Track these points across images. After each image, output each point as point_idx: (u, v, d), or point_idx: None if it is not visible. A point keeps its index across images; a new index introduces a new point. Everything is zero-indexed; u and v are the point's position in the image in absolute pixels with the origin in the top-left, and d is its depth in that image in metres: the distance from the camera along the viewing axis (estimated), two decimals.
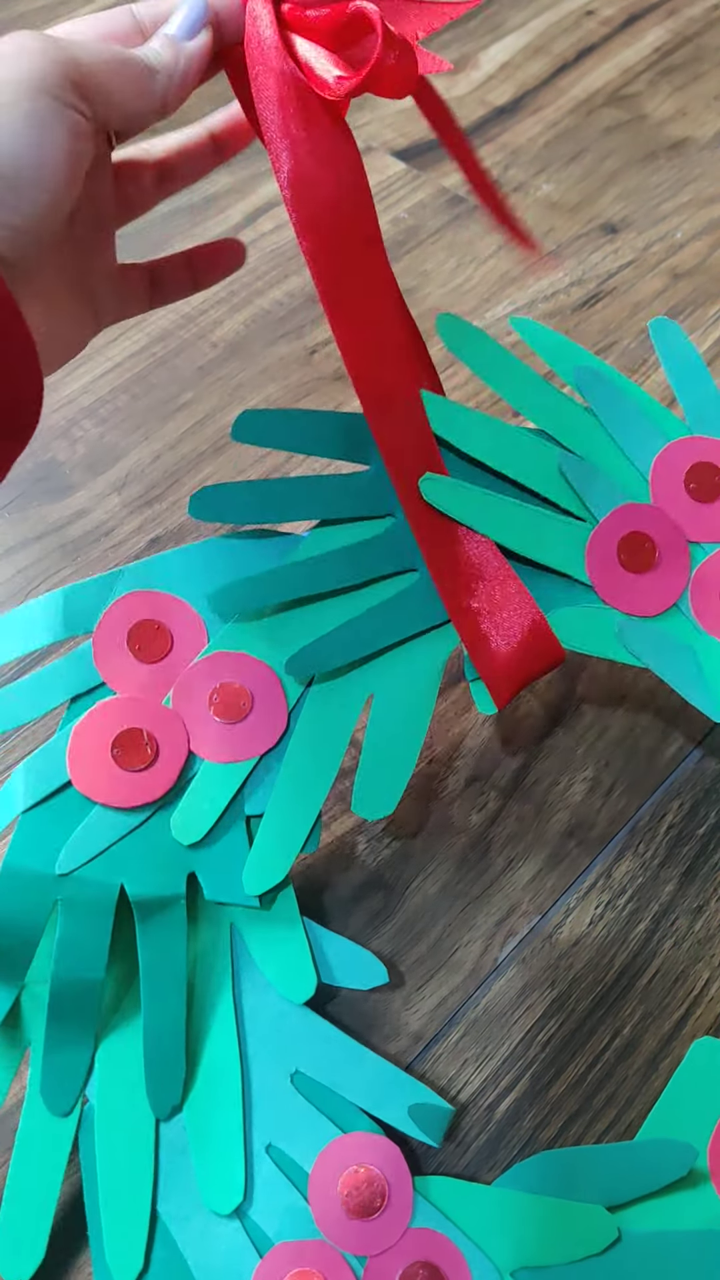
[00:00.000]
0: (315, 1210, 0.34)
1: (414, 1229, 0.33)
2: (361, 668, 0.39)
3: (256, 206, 0.64)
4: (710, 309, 0.59)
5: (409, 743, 0.38)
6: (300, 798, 0.37)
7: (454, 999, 0.40)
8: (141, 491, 0.52)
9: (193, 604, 0.39)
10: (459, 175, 0.66)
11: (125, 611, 0.38)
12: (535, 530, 0.39)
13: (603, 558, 0.39)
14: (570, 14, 0.76)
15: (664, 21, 0.76)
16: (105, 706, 0.37)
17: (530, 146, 0.68)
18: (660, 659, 0.38)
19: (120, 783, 0.36)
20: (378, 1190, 0.34)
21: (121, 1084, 0.35)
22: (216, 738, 0.37)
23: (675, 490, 0.40)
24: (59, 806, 0.36)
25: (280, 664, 0.38)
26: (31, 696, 0.38)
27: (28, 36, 0.33)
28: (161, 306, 0.40)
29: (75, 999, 0.35)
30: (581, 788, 0.44)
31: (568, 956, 0.40)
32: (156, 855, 0.36)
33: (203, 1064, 0.36)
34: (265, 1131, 0.35)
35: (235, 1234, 0.34)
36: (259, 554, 0.39)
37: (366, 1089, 0.35)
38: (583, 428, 0.41)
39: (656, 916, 0.41)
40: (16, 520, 0.51)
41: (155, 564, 0.39)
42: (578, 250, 0.62)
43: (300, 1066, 0.36)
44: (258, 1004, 0.36)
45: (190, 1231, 0.34)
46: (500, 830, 0.43)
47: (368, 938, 0.41)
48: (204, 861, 0.37)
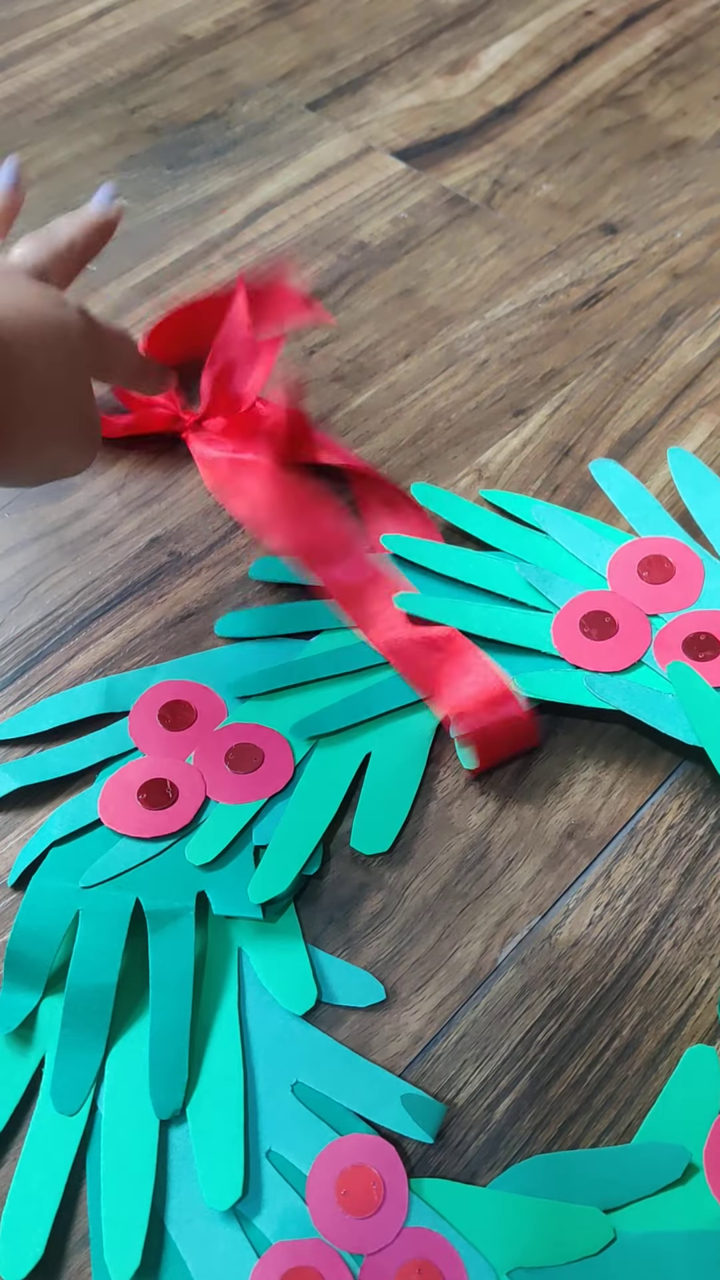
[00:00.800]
0: (313, 1210, 0.34)
1: (410, 1228, 0.34)
2: (360, 731, 0.44)
3: (256, 206, 0.64)
4: (710, 309, 0.59)
5: (403, 791, 0.43)
6: (304, 827, 0.42)
7: (454, 1000, 0.39)
8: (140, 491, 0.52)
9: (216, 691, 0.45)
10: (459, 175, 0.66)
11: (158, 693, 0.45)
12: (502, 620, 0.46)
13: (568, 631, 0.46)
14: (570, 14, 0.76)
15: (663, 22, 0.76)
16: (135, 764, 0.43)
17: (530, 147, 0.68)
18: (629, 700, 0.44)
19: (143, 819, 0.42)
20: (374, 1189, 0.34)
21: (129, 1089, 0.37)
22: (230, 785, 0.43)
23: (630, 578, 0.47)
24: (87, 841, 0.41)
25: (289, 730, 0.44)
26: (73, 755, 0.44)
27: (70, 319, 0.40)
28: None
29: (89, 1003, 0.37)
30: (581, 788, 0.44)
31: (567, 957, 0.40)
32: (170, 876, 0.40)
33: (206, 1071, 0.37)
34: (266, 1138, 0.36)
35: (234, 1235, 0.34)
36: (273, 654, 0.46)
37: (362, 1095, 0.37)
38: (541, 546, 0.48)
39: (656, 917, 0.41)
40: (16, 520, 0.51)
41: (187, 661, 0.46)
42: (577, 250, 0.62)
43: (300, 1076, 0.37)
44: (261, 1018, 0.38)
45: (190, 1234, 0.34)
46: (500, 831, 0.43)
47: (368, 938, 0.41)
48: (213, 881, 0.40)
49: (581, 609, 0.46)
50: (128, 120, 0.69)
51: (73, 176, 0.65)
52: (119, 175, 0.65)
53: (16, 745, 0.45)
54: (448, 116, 0.69)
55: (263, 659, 0.46)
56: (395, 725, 0.44)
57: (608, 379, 0.56)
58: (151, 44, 0.73)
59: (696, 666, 0.44)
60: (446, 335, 0.58)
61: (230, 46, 0.73)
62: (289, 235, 0.62)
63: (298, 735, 0.44)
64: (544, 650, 0.45)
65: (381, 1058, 0.38)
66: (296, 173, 0.66)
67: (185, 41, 0.74)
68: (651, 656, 0.45)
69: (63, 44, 0.73)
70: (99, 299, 0.59)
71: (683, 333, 0.58)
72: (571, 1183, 0.34)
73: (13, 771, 0.44)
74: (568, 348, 0.57)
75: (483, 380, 0.56)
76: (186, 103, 0.70)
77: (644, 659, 0.45)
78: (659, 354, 0.57)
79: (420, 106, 0.70)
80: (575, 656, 0.45)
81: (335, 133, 0.68)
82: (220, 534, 0.50)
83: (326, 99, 0.70)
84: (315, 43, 0.74)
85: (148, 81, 0.71)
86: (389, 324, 0.59)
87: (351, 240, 0.62)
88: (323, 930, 0.41)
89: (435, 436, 0.54)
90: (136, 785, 0.42)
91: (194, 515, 0.51)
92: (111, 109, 0.69)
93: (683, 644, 0.45)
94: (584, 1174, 0.35)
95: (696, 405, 0.55)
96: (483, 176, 0.66)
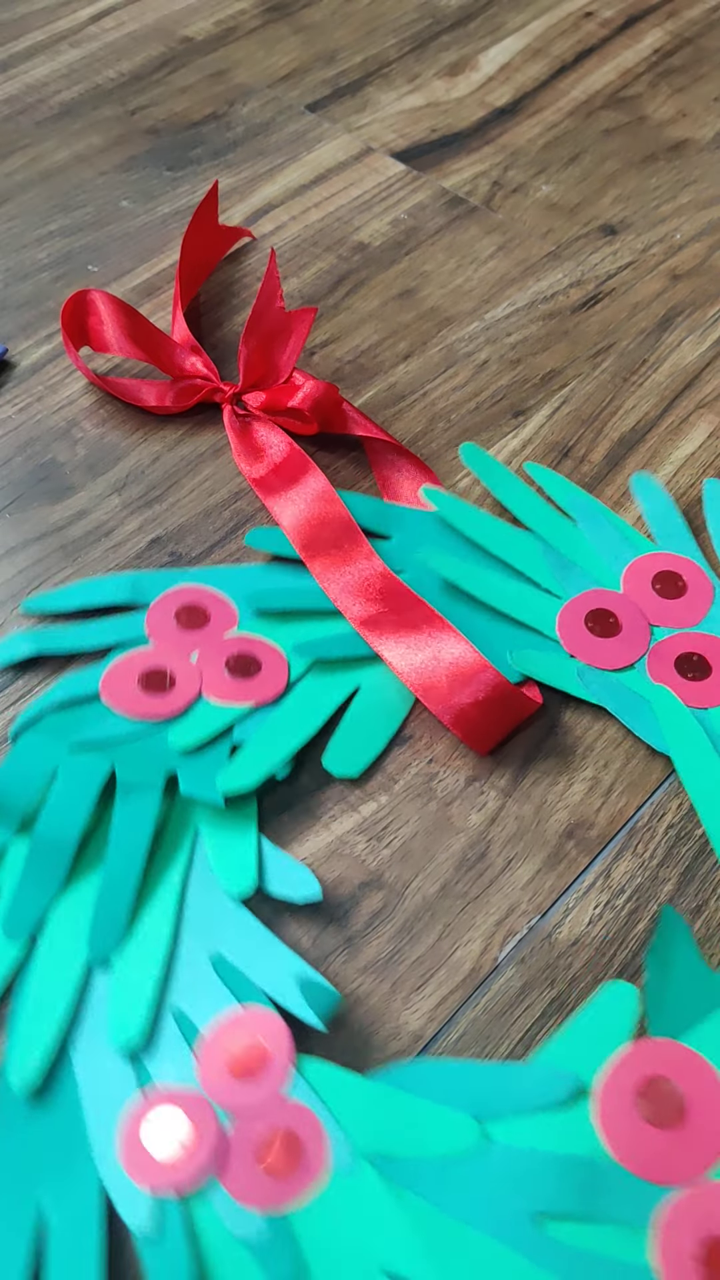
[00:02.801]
0: (201, 1066, 0.36)
1: (285, 1099, 0.36)
2: (356, 665, 0.46)
3: (256, 208, 0.64)
4: (709, 310, 0.59)
5: (383, 727, 0.45)
6: (282, 735, 0.44)
7: (453, 999, 0.40)
8: (142, 492, 0.52)
9: (234, 602, 0.48)
10: (459, 176, 0.66)
11: (180, 594, 0.48)
12: (514, 595, 0.48)
13: (572, 622, 0.47)
14: (569, 16, 0.76)
15: (663, 23, 0.76)
16: (143, 651, 0.46)
17: (529, 148, 0.68)
18: (614, 699, 0.45)
19: (138, 701, 0.44)
20: (259, 1058, 0.36)
21: (68, 931, 0.40)
22: (225, 686, 0.45)
23: (643, 587, 0.48)
24: (83, 710, 0.44)
25: (291, 649, 0.46)
26: (89, 634, 0.47)
27: None
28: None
29: (52, 850, 0.41)
30: (581, 788, 0.44)
31: (567, 956, 0.40)
32: (149, 755, 0.43)
33: (139, 930, 0.40)
34: (176, 997, 0.38)
35: (125, 1073, 0.37)
36: (292, 577, 0.48)
37: (270, 974, 0.39)
38: (569, 534, 0.50)
39: (655, 916, 0.41)
40: (17, 521, 0.51)
41: (214, 571, 0.49)
42: (577, 252, 0.62)
43: (221, 950, 0.39)
44: (200, 895, 0.41)
45: (89, 1064, 0.37)
46: (499, 830, 0.43)
47: (368, 937, 0.41)
48: (187, 766, 0.43)
49: (590, 604, 0.47)
50: (128, 121, 0.69)
51: (73, 177, 0.65)
52: (119, 176, 0.65)
53: (43, 619, 0.48)
54: (448, 118, 0.69)
55: (285, 580, 0.48)
56: (386, 668, 0.46)
57: (607, 380, 0.56)
58: (152, 45, 0.74)
59: (682, 684, 0.45)
60: (446, 336, 0.58)
61: (230, 48, 0.74)
62: (289, 236, 0.63)
63: (298, 655, 0.46)
64: (545, 633, 0.47)
65: (381, 1057, 0.38)
66: (296, 174, 0.66)
67: (185, 43, 0.74)
68: (644, 664, 0.46)
69: (63, 45, 0.73)
70: None
71: (682, 334, 0.58)
72: (453, 1088, 0.36)
73: (32, 639, 0.47)
74: (567, 349, 0.58)
75: (482, 381, 0.56)
76: (187, 104, 0.70)
77: (636, 664, 0.46)
78: (658, 355, 0.57)
79: (420, 108, 0.70)
80: (573, 646, 0.46)
81: (335, 134, 0.68)
82: (220, 535, 0.51)
83: (326, 100, 0.70)
84: (315, 44, 0.74)
85: (148, 83, 0.71)
86: (389, 325, 0.59)
87: (351, 241, 0.62)
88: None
89: (435, 437, 0.54)
90: (139, 670, 0.45)
91: (195, 516, 0.51)
92: (112, 110, 0.69)
93: (675, 659, 0.46)
94: (468, 1083, 0.36)
95: (696, 406, 0.55)
96: (482, 178, 0.66)
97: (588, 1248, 0.33)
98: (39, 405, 0.55)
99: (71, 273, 0.61)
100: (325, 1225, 0.34)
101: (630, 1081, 0.35)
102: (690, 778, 0.43)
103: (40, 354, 0.57)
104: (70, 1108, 0.36)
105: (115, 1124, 0.36)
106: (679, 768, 0.43)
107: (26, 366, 0.57)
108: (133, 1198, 0.34)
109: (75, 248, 0.62)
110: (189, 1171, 0.35)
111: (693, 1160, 0.34)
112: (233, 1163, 0.35)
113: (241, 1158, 0.35)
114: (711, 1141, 0.34)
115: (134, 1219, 0.34)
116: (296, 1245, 0.33)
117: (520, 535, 0.49)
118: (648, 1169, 0.34)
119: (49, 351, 0.57)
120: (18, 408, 0.55)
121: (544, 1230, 0.33)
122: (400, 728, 0.45)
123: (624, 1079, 0.35)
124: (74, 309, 0.54)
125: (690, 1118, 0.34)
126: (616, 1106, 0.35)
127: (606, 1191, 0.34)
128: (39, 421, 0.54)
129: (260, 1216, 0.34)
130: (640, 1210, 0.33)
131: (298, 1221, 0.34)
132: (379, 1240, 0.33)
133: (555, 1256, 0.33)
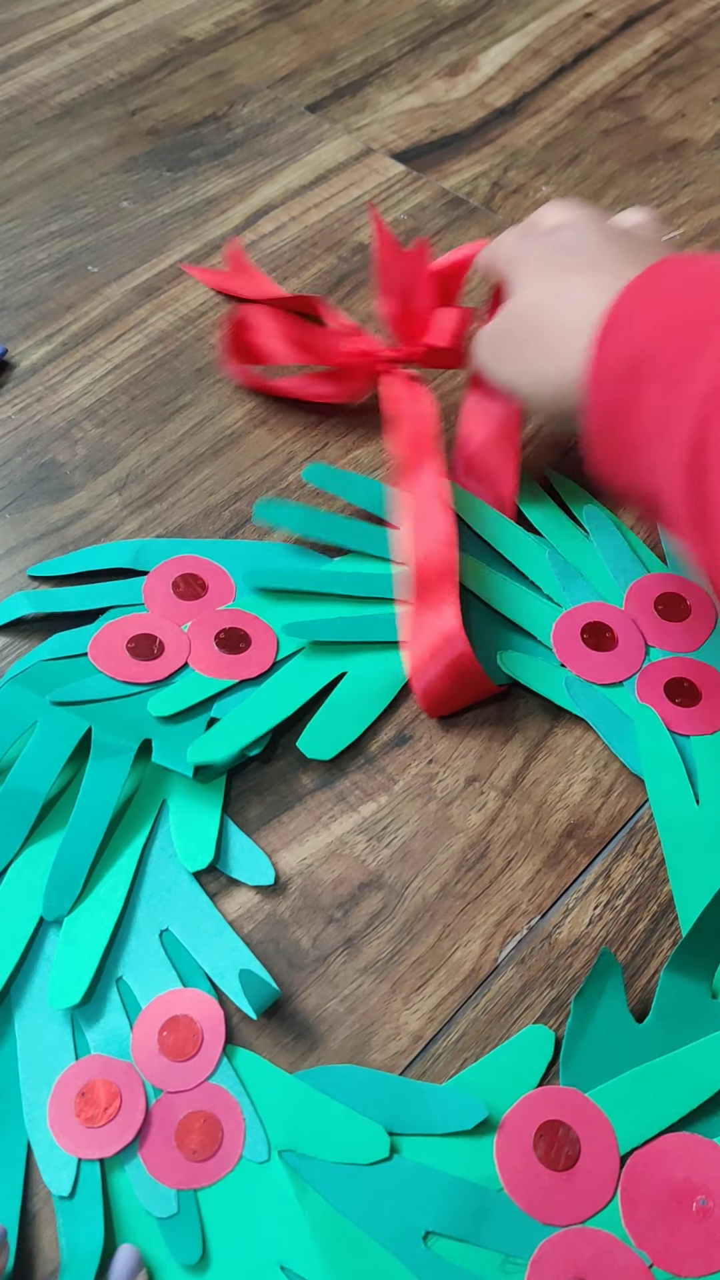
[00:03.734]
0: (135, 1039, 0.38)
1: (211, 1083, 0.37)
2: (344, 650, 0.46)
3: (257, 208, 0.64)
4: None
5: (363, 714, 0.45)
6: (260, 713, 0.44)
7: (453, 999, 0.40)
8: (141, 492, 0.52)
9: (232, 576, 0.48)
10: (459, 177, 0.66)
11: (180, 564, 0.48)
12: (513, 598, 0.48)
13: (567, 631, 0.47)
14: (569, 16, 0.76)
15: (662, 24, 0.76)
16: (136, 616, 0.46)
17: (529, 149, 0.68)
18: (596, 713, 0.45)
19: (124, 664, 0.45)
20: (191, 1039, 0.38)
21: (24, 886, 0.40)
22: (211, 659, 0.45)
23: (645, 606, 0.48)
24: (69, 666, 0.45)
25: (281, 628, 0.46)
26: (86, 596, 0.47)
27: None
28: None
29: (19, 801, 0.41)
30: (580, 788, 0.44)
31: (567, 956, 0.40)
32: (127, 719, 0.44)
33: (94, 894, 0.40)
34: (121, 967, 0.39)
35: (63, 1035, 0.38)
36: (295, 558, 0.49)
37: (214, 958, 0.40)
38: (579, 545, 0.49)
39: (655, 916, 0.41)
40: (17, 521, 0.51)
41: (215, 543, 0.49)
42: None
43: (170, 926, 0.40)
44: (159, 866, 0.41)
45: (29, 1022, 0.38)
46: (499, 831, 0.43)
47: (368, 937, 0.41)
48: (161, 734, 0.43)
49: (588, 616, 0.47)
50: (128, 122, 0.69)
51: (73, 178, 0.65)
52: (119, 177, 0.65)
53: (45, 581, 0.49)
54: (447, 118, 0.69)
55: (284, 560, 0.49)
56: (377, 656, 0.46)
57: None
58: (152, 46, 0.74)
59: (669, 708, 0.45)
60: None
61: (230, 48, 0.74)
62: (289, 237, 0.63)
63: (288, 635, 0.46)
64: (539, 639, 0.47)
65: (381, 1057, 0.38)
66: (297, 174, 0.66)
67: (186, 43, 0.74)
68: (634, 683, 0.46)
69: (63, 46, 0.73)
70: (100, 300, 0.59)
71: None
72: (373, 1098, 0.37)
73: (31, 599, 0.47)
74: None
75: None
76: (187, 104, 0.70)
77: (626, 682, 0.46)
78: None
79: (420, 108, 0.70)
80: (565, 656, 0.46)
81: (335, 134, 0.68)
82: (221, 534, 0.51)
83: (326, 101, 0.70)
84: (315, 45, 0.74)
85: (148, 83, 0.71)
86: None
87: (351, 242, 0.62)
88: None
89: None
90: (129, 634, 0.46)
91: (195, 516, 0.51)
92: (112, 111, 0.69)
93: (666, 682, 0.46)
94: (388, 1096, 0.37)
95: None
96: (482, 178, 0.66)
97: (469, 1270, 0.34)
98: (39, 406, 0.55)
99: (71, 273, 0.61)
100: (230, 1210, 0.35)
101: (533, 1122, 0.36)
102: (659, 802, 0.43)
103: (40, 354, 0.57)
104: (7, 1063, 0.38)
105: (48, 1085, 0.37)
106: (650, 791, 0.43)
107: (26, 367, 0.57)
108: (55, 1159, 0.36)
109: (75, 248, 0.62)
110: (111, 1140, 0.36)
111: (575, 1206, 0.35)
112: (152, 1137, 0.36)
113: (162, 1134, 0.36)
114: (596, 1192, 0.35)
115: (54, 1180, 0.36)
116: (201, 1224, 0.35)
117: (529, 539, 0.49)
118: (533, 1206, 0.35)
119: (49, 352, 0.57)
120: (17, 408, 0.55)
121: (431, 1248, 0.35)
122: (399, 728, 0.45)
123: (528, 1118, 0.36)
124: (235, 330, 0.54)
125: (581, 1166, 0.36)
126: (516, 1143, 0.36)
127: (493, 1220, 0.35)
128: (39, 422, 0.54)
129: (171, 1192, 0.35)
130: (520, 1243, 0.35)
131: (205, 1202, 0.35)
132: (278, 1232, 0.35)
133: (437, 1274, 0.34)
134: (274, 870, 0.42)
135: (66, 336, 0.58)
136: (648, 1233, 0.34)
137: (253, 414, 0.55)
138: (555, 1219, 0.35)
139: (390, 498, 0.50)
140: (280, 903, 0.41)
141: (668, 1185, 0.35)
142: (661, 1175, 0.35)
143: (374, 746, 0.45)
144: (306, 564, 0.48)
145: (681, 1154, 0.36)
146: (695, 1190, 0.35)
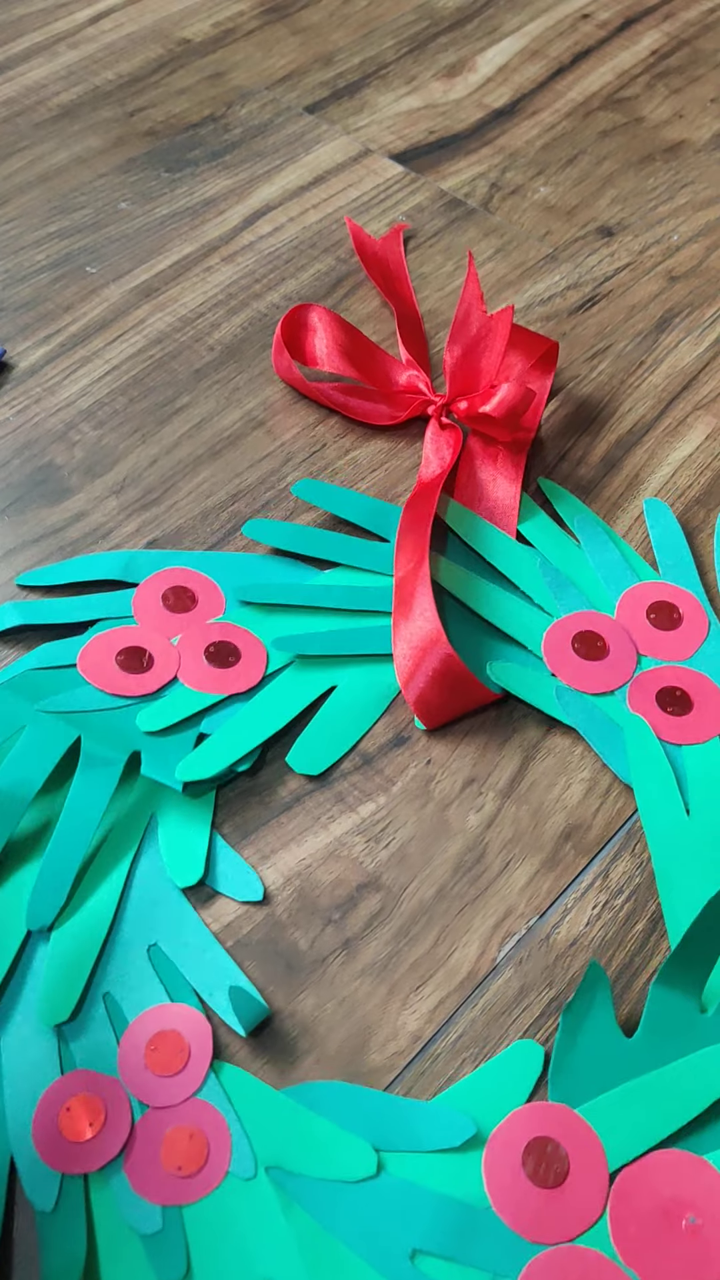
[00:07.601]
0: (122, 1054, 0.38)
1: (197, 1099, 0.37)
2: (334, 664, 0.46)
3: (255, 209, 0.64)
4: (707, 311, 0.59)
5: (352, 728, 0.45)
6: (250, 728, 0.44)
7: (452, 1000, 0.40)
8: (139, 494, 0.52)
9: (222, 589, 0.48)
10: (457, 178, 0.66)
11: (170, 576, 0.48)
12: (504, 608, 0.47)
13: (558, 641, 0.47)
14: (567, 17, 0.76)
15: (660, 25, 0.76)
16: (125, 629, 0.46)
17: (527, 150, 0.68)
18: (587, 722, 0.45)
19: (113, 677, 0.45)
20: (179, 1055, 0.37)
21: (9, 896, 0.40)
22: (201, 673, 0.46)
23: (637, 615, 0.48)
24: (58, 676, 0.45)
25: (271, 642, 0.46)
26: (75, 608, 0.47)
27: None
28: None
29: (3, 804, 0.41)
30: (578, 789, 0.44)
31: (565, 957, 0.40)
32: (116, 731, 0.44)
33: (82, 908, 0.40)
34: (109, 981, 0.39)
35: (49, 1050, 0.38)
36: (285, 571, 0.49)
37: (203, 974, 0.39)
38: (570, 553, 0.49)
39: (654, 916, 0.41)
40: (15, 523, 0.51)
41: (206, 556, 0.49)
42: (574, 253, 0.62)
43: (159, 941, 0.40)
44: (148, 880, 0.41)
45: (14, 1036, 0.38)
46: (496, 833, 0.43)
47: (365, 940, 0.41)
48: (151, 748, 0.43)
49: (579, 625, 0.47)
50: (126, 123, 0.69)
51: (72, 179, 0.65)
52: (118, 178, 0.65)
53: (34, 591, 0.49)
54: (445, 119, 0.70)
55: (275, 573, 0.49)
56: (367, 669, 0.46)
57: (604, 382, 0.57)
58: (150, 47, 0.74)
59: (661, 717, 0.45)
60: (445, 339, 0.58)
61: (228, 49, 0.74)
62: (287, 238, 0.63)
63: (278, 649, 0.46)
64: (530, 648, 0.46)
65: (380, 1058, 0.38)
66: (294, 175, 0.66)
67: (184, 45, 0.74)
68: (625, 692, 0.45)
69: (61, 47, 0.74)
70: (98, 301, 0.59)
71: (679, 335, 0.58)
72: (360, 1115, 0.37)
73: (20, 610, 0.47)
74: (564, 350, 0.58)
75: None
76: (185, 105, 0.70)
77: (617, 691, 0.46)
78: (655, 356, 0.58)
79: (418, 109, 0.70)
80: (555, 665, 0.46)
81: (333, 135, 0.68)
82: (218, 537, 0.51)
83: (324, 102, 0.70)
84: (313, 46, 0.74)
85: (146, 84, 0.71)
86: (387, 327, 0.59)
87: (350, 243, 0.62)
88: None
89: None
90: (119, 647, 0.46)
91: (192, 519, 0.51)
92: (110, 112, 0.69)
93: (658, 691, 0.45)
94: (373, 1113, 0.37)
95: (693, 408, 0.56)
96: (480, 179, 0.66)
97: None
98: (37, 407, 0.55)
99: (70, 274, 0.61)
100: (215, 1226, 0.35)
101: (521, 1139, 0.36)
102: (648, 812, 0.43)
103: (38, 356, 0.57)
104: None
105: (33, 1100, 0.37)
106: (639, 801, 0.43)
107: (25, 368, 0.57)
108: (39, 1174, 0.36)
109: (74, 249, 0.62)
110: (95, 1155, 0.36)
111: (564, 1224, 0.35)
112: (137, 1153, 0.36)
113: (146, 1150, 0.36)
114: (585, 1209, 0.35)
115: (36, 1194, 0.35)
116: (185, 1241, 0.35)
117: (520, 549, 0.49)
118: (521, 1224, 0.35)
119: (47, 353, 0.57)
120: (16, 410, 0.55)
121: (418, 1266, 0.34)
122: (397, 729, 0.45)
123: (516, 1135, 0.36)
124: (291, 323, 0.55)
125: (570, 1184, 0.35)
126: (504, 1160, 0.36)
127: (481, 1239, 0.35)
128: (37, 424, 0.55)
129: (156, 1209, 0.35)
130: (508, 1262, 0.34)
131: (190, 1218, 0.35)
132: (263, 1249, 0.35)
133: None
134: (262, 886, 0.41)
135: (65, 337, 0.58)
136: (637, 1251, 0.34)
137: (250, 415, 0.55)
138: (544, 1237, 0.35)
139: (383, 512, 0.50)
140: (278, 905, 0.41)
141: (657, 1203, 0.35)
142: (651, 1193, 0.35)
143: (372, 747, 0.45)
144: (296, 576, 0.49)
145: (671, 1171, 0.35)
146: (684, 1208, 0.35)
